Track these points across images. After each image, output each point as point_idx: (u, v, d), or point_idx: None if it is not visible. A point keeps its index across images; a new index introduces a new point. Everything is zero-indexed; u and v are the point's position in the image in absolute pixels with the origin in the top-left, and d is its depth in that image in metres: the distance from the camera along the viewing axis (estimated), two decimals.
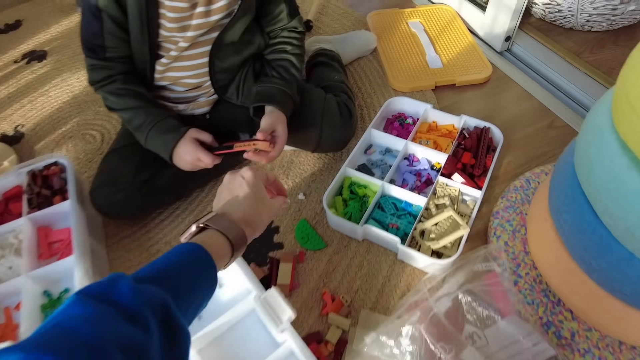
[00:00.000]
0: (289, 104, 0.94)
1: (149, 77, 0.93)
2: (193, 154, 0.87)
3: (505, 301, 0.81)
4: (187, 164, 0.89)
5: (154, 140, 0.89)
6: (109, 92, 0.89)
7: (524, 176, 1.00)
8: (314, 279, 0.91)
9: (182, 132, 0.88)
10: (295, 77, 0.97)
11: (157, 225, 1.03)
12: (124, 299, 0.39)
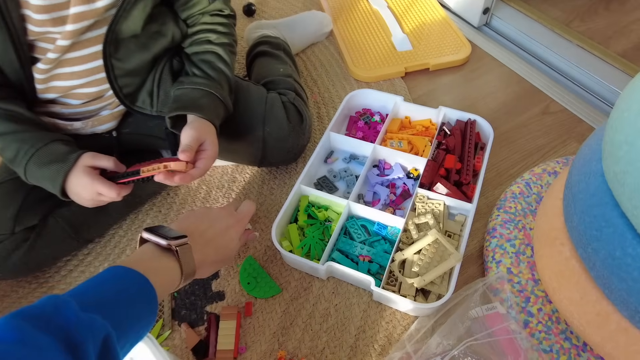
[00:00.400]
0: (218, 110, 0.72)
1: (29, 90, 0.69)
2: (90, 187, 0.64)
3: (515, 350, 0.61)
4: (86, 201, 0.66)
5: (36, 175, 0.65)
6: None
7: (522, 179, 0.81)
8: (266, 339, 0.69)
9: (71, 160, 0.65)
10: (225, 74, 0.75)
11: (64, 278, 0.80)
12: (69, 328, 0.36)
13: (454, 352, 0.58)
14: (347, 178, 0.85)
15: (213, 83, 0.72)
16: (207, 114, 0.69)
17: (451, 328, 0.61)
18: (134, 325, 0.45)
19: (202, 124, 0.69)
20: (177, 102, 0.71)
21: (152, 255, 0.52)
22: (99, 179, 0.64)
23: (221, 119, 0.73)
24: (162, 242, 0.52)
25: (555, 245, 0.62)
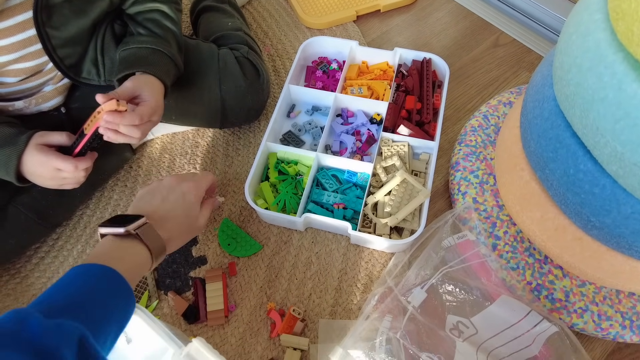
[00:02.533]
0: (167, 67, 0.69)
1: None
2: (47, 164, 0.62)
3: (486, 272, 0.66)
4: (48, 181, 0.64)
5: None
6: None
7: (480, 112, 0.84)
8: (254, 294, 0.72)
9: (22, 142, 0.62)
10: (172, 31, 0.71)
11: (36, 266, 0.77)
12: (37, 339, 0.35)
13: (432, 280, 0.63)
14: (312, 130, 0.85)
15: (160, 40, 0.69)
16: (155, 71, 0.66)
17: (427, 259, 0.66)
18: (111, 317, 0.45)
19: (144, 78, 0.65)
20: (123, 63, 0.67)
21: (112, 245, 0.51)
22: (55, 154, 0.62)
23: (172, 77, 0.70)
24: (120, 231, 0.51)
25: (515, 170, 0.66)
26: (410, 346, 0.57)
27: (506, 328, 0.60)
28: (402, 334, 0.58)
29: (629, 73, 0.42)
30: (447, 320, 0.62)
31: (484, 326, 0.61)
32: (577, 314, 0.65)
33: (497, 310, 0.61)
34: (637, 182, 0.46)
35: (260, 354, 0.67)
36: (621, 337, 0.64)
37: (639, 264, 0.57)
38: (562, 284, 0.67)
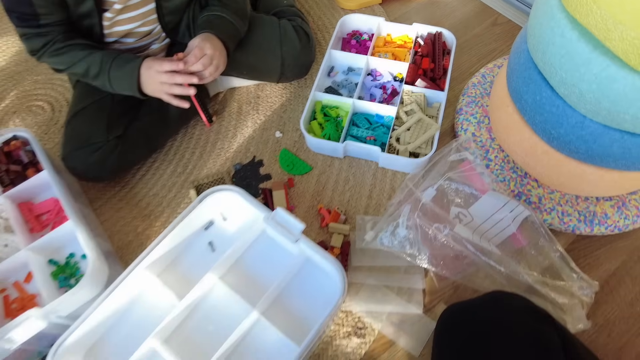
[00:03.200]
0: (227, 27, 0.92)
1: (98, 35, 0.89)
2: (159, 65, 0.83)
3: (481, 183, 0.90)
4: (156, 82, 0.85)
5: (117, 76, 0.85)
6: (52, 56, 0.85)
7: (479, 72, 1.08)
8: (307, 199, 0.97)
9: (140, 59, 0.85)
10: (236, 1, 0.95)
11: (139, 181, 1.03)
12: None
13: (440, 181, 0.87)
14: (348, 86, 1.09)
15: (223, 8, 0.92)
16: (216, 31, 0.89)
17: (437, 170, 0.90)
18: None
19: (206, 35, 0.87)
20: (199, 28, 0.91)
21: None
22: (164, 59, 0.85)
23: (232, 38, 0.92)
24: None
25: (502, 107, 0.90)
26: (423, 222, 0.82)
27: (493, 214, 0.85)
28: (417, 215, 0.83)
29: (568, 25, 0.66)
30: (451, 211, 0.87)
31: (477, 214, 0.86)
32: (547, 212, 0.89)
33: (486, 200, 0.85)
34: (576, 99, 0.70)
35: (313, 238, 0.92)
36: (578, 229, 0.88)
37: (586, 168, 0.81)
38: (537, 191, 0.91)
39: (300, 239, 0.76)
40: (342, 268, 0.72)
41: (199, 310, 0.78)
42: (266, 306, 0.75)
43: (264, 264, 0.81)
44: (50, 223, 0.90)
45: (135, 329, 0.77)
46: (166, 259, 0.81)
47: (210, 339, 0.75)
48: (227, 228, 0.86)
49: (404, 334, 0.82)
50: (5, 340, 0.72)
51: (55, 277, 0.84)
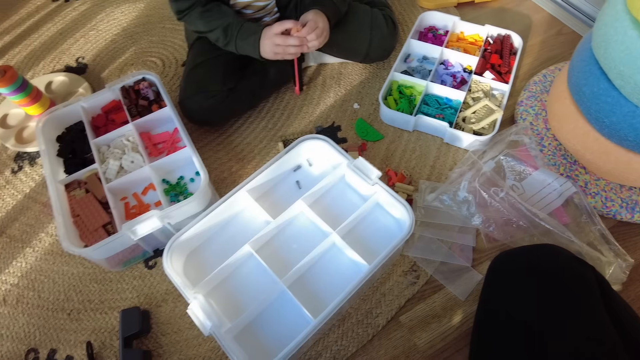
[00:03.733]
0: (332, 8, 1.07)
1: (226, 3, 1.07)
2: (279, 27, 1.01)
3: (534, 164, 1.03)
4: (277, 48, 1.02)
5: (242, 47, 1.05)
6: (194, 18, 1.04)
7: (541, 73, 1.21)
8: (377, 162, 1.12)
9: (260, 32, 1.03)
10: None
11: (235, 131, 1.21)
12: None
13: (500, 156, 1.00)
14: (422, 71, 1.24)
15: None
16: (323, 9, 1.05)
17: (497, 148, 1.03)
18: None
19: (315, 11, 1.04)
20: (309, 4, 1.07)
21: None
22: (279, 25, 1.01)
23: (334, 17, 1.08)
24: None
25: (561, 99, 1.02)
26: (482, 187, 0.95)
27: (542, 188, 0.97)
28: (478, 180, 0.96)
29: (630, 25, 0.79)
30: (506, 182, 1.00)
31: (528, 187, 0.99)
32: (591, 195, 1.01)
33: (538, 175, 0.98)
34: (630, 90, 0.82)
35: None
36: (619, 214, 0.99)
37: (633, 156, 0.92)
38: (584, 177, 1.03)
39: (377, 183, 0.91)
40: (410, 207, 0.86)
41: (286, 230, 0.94)
42: (343, 232, 0.90)
43: (342, 202, 0.97)
44: (165, 151, 1.08)
45: (233, 238, 0.94)
46: (262, 188, 0.98)
47: (293, 254, 0.91)
48: (312, 171, 1.02)
49: (452, 281, 0.96)
50: (131, 231, 0.90)
51: (167, 193, 1.02)
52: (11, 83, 1.12)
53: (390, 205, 0.92)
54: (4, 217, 1.12)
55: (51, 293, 1.00)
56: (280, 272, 0.86)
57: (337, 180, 0.99)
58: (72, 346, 0.93)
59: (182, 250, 0.92)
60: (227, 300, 0.88)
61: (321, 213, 0.93)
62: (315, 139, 0.98)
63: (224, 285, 0.89)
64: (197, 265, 0.92)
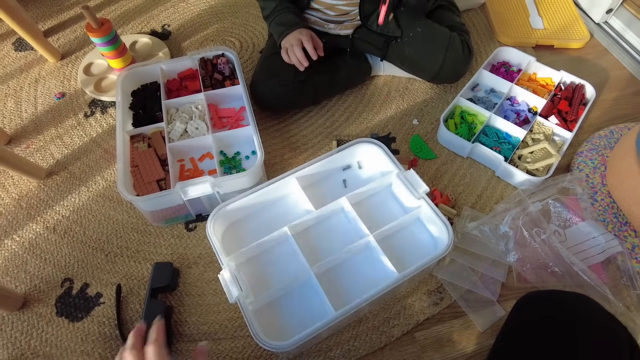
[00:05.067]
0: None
1: (307, 1, 1.13)
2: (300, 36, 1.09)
3: (582, 215, 1.01)
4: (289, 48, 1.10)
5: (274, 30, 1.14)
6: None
7: (608, 128, 1.19)
8: (425, 180, 1.13)
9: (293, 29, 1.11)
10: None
11: (295, 122, 1.25)
12: None
13: (548, 200, 1.00)
14: (487, 102, 1.25)
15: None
16: None
17: (547, 192, 1.02)
18: None
19: None
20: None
21: None
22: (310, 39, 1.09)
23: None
24: None
25: (625, 157, 1.00)
26: (525, 225, 0.95)
27: (586, 240, 0.95)
28: (522, 218, 0.96)
29: None
30: (550, 226, 0.99)
31: (571, 237, 0.97)
32: (637, 261, 0.98)
33: (584, 226, 0.96)
34: None
35: None
36: None
37: None
38: (633, 240, 1.00)
39: (422, 197, 0.92)
40: (452, 229, 0.87)
41: (325, 222, 0.97)
42: (380, 237, 0.92)
43: (383, 209, 0.99)
44: (228, 126, 1.14)
45: (274, 219, 0.98)
46: (311, 179, 1.01)
47: (327, 246, 0.94)
48: (361, 174, 1.05)
49: (475, 311, 0.95)
50: (183, 191, 0.96)
51: (222, 165, 1.07)
52: (105, 35, 1.21)
53: (432, 222, 0.93)
54: (69, 154, 1.20)
55: (95, 232, 1.07)
56: (312, 260, 0.89)
57: (384, 187, 1.01)
58: (103, 285, 0.99)
59: (225, 218, 0.96)
60: (257, 274, 0.91)
61: (362, 214, 0.95)
62: (370, 143, 1.00)
63: (257, 260, 0.93)
64: (235, 236, 0.97)
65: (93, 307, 0.97)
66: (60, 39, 1.48)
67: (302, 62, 1.09)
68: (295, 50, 1.08)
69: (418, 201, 0.93)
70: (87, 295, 0.98)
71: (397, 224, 0.93)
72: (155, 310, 0.93)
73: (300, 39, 1.08)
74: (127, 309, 0.96)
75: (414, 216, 0.95)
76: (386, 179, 0.98)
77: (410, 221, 0.96)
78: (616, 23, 1.49)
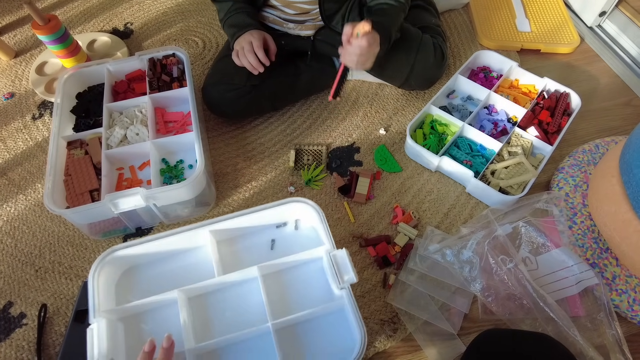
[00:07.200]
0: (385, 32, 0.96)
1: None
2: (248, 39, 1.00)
3: (558, 240, 0.91)
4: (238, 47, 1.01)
5: (227, 32, 1.06)
6: None
7: (593, 142, 1.08)
8: (387, 195, 1.03)
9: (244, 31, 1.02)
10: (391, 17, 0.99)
11: (252, 128, 1.16)
12: None
13: (520, 222, 0.89)
14: (462, 111, 1.14)
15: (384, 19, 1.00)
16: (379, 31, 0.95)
17: (519, 213, 0.92)
18: None
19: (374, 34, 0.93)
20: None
21: None
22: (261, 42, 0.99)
23: (388, 41, 0.97)
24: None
25: (607, 177, 0.90)
26: (491, 251, 0.84)
27: (559, 270, 0.85)
28: (488, 243, 0.86)
29: None
30: (519, 252, 0.88)
31: (543, 265, 0.86)
32: (617, 293, 0.87)
33: (557, 254, 0.85)
34: None
35: (381, 230, 0.98)
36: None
37: None
38: (613, 269, 0.89)
39: (345, 288, 0.76)
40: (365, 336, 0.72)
41: (231, 290, 0.83)
42: (282, 326, 0.77)
43: (304, 287, 0.83)
44: (174, 131, 1.05)
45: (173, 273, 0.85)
46: (231, 233, 0.88)
47: (221, 321, 0.80)
48: (294, 237, 0.89)
49: (432, 346, 0.85)
50: (113, 203, 0.87)
51: (163, 174, 0.98)
52: (52, 32, 1.13)
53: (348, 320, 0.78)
54: (10, 159, 1.12)
55: (27, 245, 0.98)
56: (199, 335, 0.77)
57: (313, 260, 0.85)
58: (29, 304, 0.90)
59: (120, 263, 0.84)
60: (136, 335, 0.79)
61: (276, 289, 0.81)
62: (313, 207, 0.84)
63: (140, 318, 0.80)
64: (130, 283, 0.85)
65: (14, 329, 0.88)
66: (17, 36, 1.41)
67: (255, 67, 0.99)
68: (246, 54, 0.98)
69: (340, 291, 0.78)
70: (9, 315, 0.90)
71: (309, 313, 0.77)
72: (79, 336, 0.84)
73: (251, 42, 0.98)
74: (50, 331, 0.88)
75: (336, 306, 0.79)
76: (316, 251, 0.82)
77: (327, 312, 0.80)
78: (610, 27, 1.38)
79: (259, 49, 0.99)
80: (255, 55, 0.99)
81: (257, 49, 0.99)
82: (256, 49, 0.99)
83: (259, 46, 0.99)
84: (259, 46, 0.99)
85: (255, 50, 0.99)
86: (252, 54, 0.99)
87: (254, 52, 0.99)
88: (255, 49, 0.99)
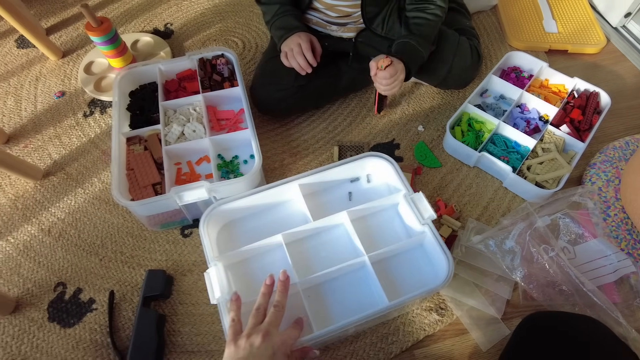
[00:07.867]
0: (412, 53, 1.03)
1: (308, 1, 1.09)
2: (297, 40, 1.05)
3: (593, 231, 0.97)
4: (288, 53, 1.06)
5: (274, 34, 1.10)
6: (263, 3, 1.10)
7: (623, 139, 1.13)
8: (429, 189, 1.09)
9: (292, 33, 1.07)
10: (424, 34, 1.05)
11: (296, 126, 1.22)
12: None
13: (558, 214, 0.95)
14: (496, 109, 1.20)
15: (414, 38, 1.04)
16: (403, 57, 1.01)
17: (556, 206, 0.98)
18: None
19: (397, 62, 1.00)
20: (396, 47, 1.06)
21: None
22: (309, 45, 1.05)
23: (416, 62, 1.04)
24: None
25: None
26: (532, 241, 0.90)
27: (596, 259, 0.91)
28: (530, 234, 0.92)
29: None
30: (558, 242, 0.94)
31: (581, 254, 0.92)
32: None
33: (594, 244, 0.91)
34: None
35: None
36: None
37: None
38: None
39: (427, 224, 0.86)
40: (452, 263, 0.80)
41: (322, 235, 0.93)
42: (376, 259, 0.87)
43: (386, 229, 0.93)
44: (226, 128, 1.11)
45: (270, 224, 0.95)
46: (314, 187, 0.97)
47: (319, 260, 0.89)
48: (368, 188, 0.99)
49: (477, 329, 0.91)
50: (178, 196, 0.93)
51: (219, 169, 1.04)
52: (105, 34, 1.18)
53: (433, 251, 0.87)
54: (67, 154, 1.18)
55: (90, 236, 1.04)
56: (301, 272, 0.85)
57: (390, 206, 0.96)
58: (96, 290, 0.97)
59: (219, 218, 0.92)
60: (244, 279, 0.88)
61: (361, 232, 0.90)
62: (382, 158, 0.94)
63: (247, 264, 0.90)
64: (229, 237, 0.93)
65: (85, 313, 0.94)
66: (63, 37, 1.46)
67: (304, 68, 1.05)
68: (295, 56, 1.04)
69: (422, 227, 0.87)
70: (80, 300, 0.96)
71: (396, 248, 0.87)
72: (148, 320, 0.91)
73: (300, 44, 1.04)
74: (119, 316, 0.94)
75: (416, 242, 0.90)
76: (393, 197, 0.93)
77: (411, 247, 0.90)
78: (635, 27, 1.43)
79: (308, 51, 1.04)
80: (304, 57, 1.05)
81: (306, 51, 1.04)
82: (305, 50, 1.04)
83: (308, 48, 1.05)
84: (308, 48, 1.05)
85: (304, 52, 1.04)
86: (301, 56, 1.04)
87: (303, 54, 1.04)
88: (304, 51, 1.04)
